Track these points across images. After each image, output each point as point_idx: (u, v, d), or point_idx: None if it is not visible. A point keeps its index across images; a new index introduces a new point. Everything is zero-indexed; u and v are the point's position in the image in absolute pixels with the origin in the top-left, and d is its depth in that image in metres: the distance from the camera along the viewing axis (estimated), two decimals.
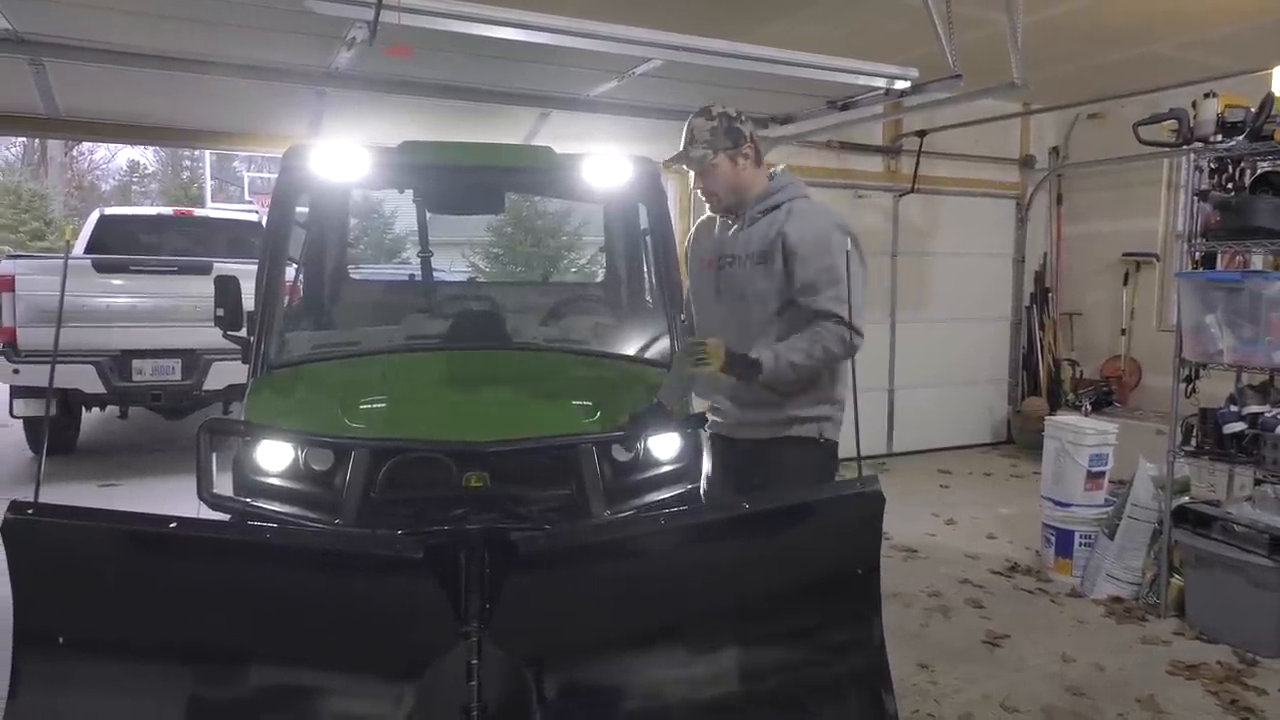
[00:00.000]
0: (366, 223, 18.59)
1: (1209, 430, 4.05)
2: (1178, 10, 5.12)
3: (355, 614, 2.12)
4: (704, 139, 2.57)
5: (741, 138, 2.60)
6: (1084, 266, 8.09)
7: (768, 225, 2.61)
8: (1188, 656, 3.68)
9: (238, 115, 5.54)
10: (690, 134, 2.60)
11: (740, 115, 2.64)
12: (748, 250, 2.62)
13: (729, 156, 2.59)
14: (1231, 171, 4.11)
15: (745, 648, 2.32)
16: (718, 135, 2.57)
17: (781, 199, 2.64)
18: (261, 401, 3.09)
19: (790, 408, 2.62)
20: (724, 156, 2.58)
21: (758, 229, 2.63)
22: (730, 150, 2.58)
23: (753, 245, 2.61)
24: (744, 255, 2.63)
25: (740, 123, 2.62)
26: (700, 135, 2.57)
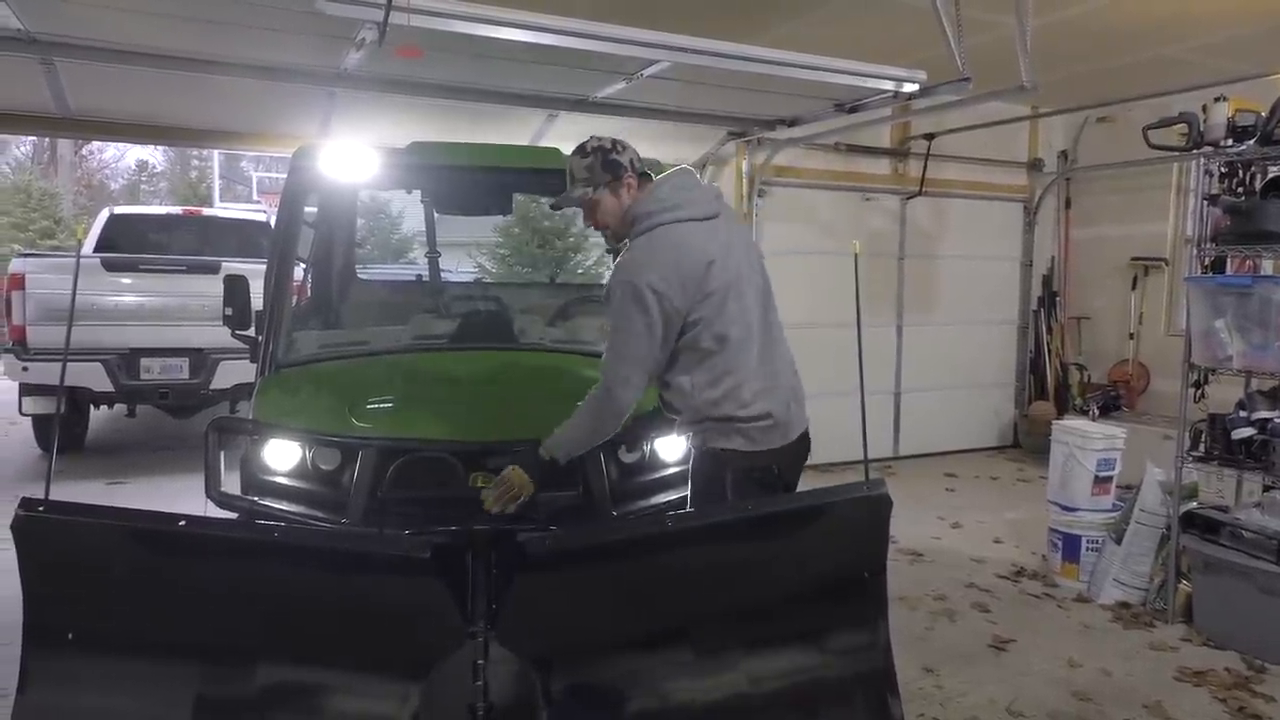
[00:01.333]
0: (374, 223, 18.67)
1: (1218, 436, 4.03)
2: (1187, 13, 5.11)
3: (362, 613, 2.13)
4: (583, 177, 2.54)
5: (620, 169, 2.54)
6: (1092, 270, 8.06)
7: None
8: (1195, 663, 3.67)
9: (247, 115, 5.57)
10: (570, 174, 2.57)
11: (617, 146, 2.57)
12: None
13: (611, 190, 2.54)
14: (1242, 176, 4.09)
15: (751, 650, 2.32)
16: (595, 171, 2.53)
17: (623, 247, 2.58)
18: (269, 400, 3.10)
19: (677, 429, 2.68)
20: (605, 191, 2.53)
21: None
22: (611, 183, 2.53)
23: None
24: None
25: (617, 154, 2.55)
26: (579, 174, 2.55)
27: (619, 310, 2.45)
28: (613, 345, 2.49)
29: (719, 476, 2.60)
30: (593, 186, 2.54)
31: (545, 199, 3.70)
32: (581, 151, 2.57)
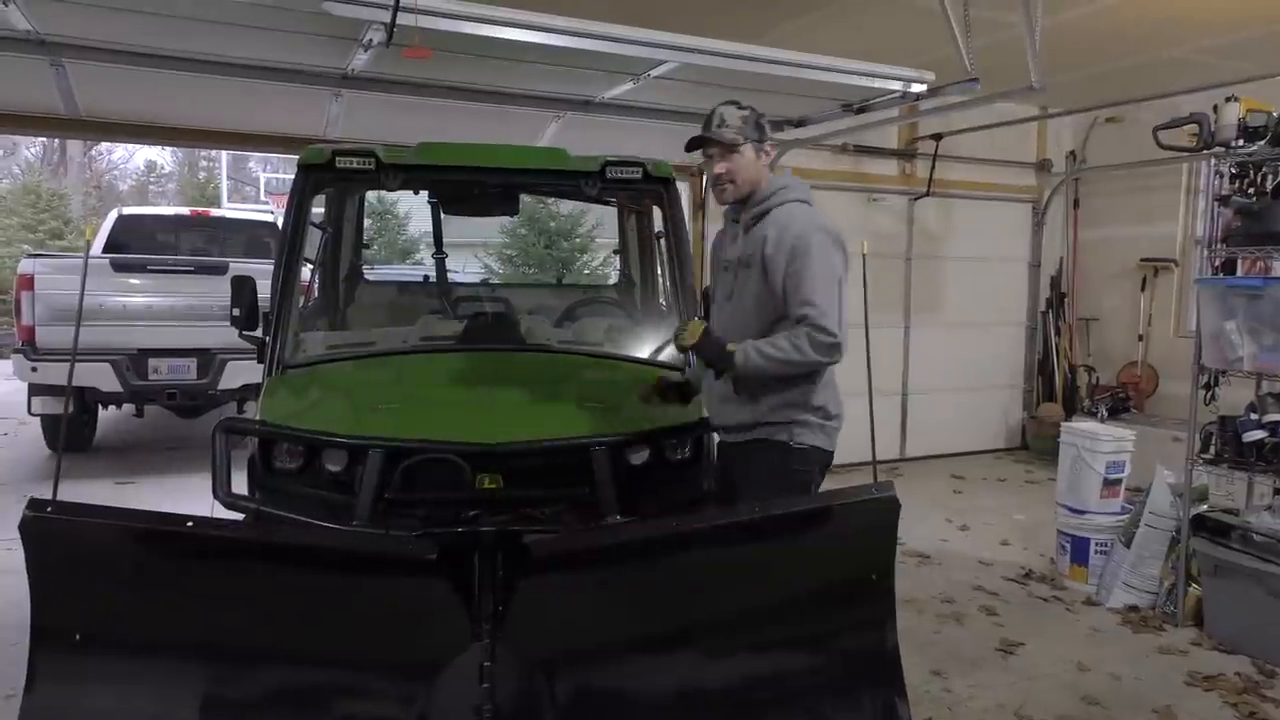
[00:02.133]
0: (381, 224, 18.70)
1: (1228, 438, 4.00)
2: (1196, 14, 5.08)
3: (368, 615, 2.13)
4: (735, 125, 2.63)
5: (765, 134, 2.70)
6: (1101, 272, 8.03)
7: (762, 229, 2.65)
8: (1205, 667, 3.64)
9: (254, 116, 5.57)
10: (720, 118, 2.65)
11: (764, 115, 2.73)
12: (742, 255, 2.69)
13: (755, 148, 2.67)
14: (1253, 177, 4.06)
15: (758, 653, 2.32)
16: (748, 124, 2.65)
17: (771, 204, 2.67)
18: (276, 401, 3.10)
19: (759, 412, 2.62)
20: (750, 146, 2.65)
21: (752, 235, 2.68)
22: (756, 143, 2.66)
23: (750, 247, 2.66)
24: (740, 260, 2.70)
25: (765, 122, 2.71)
26: (731, 120, 2.63)
27: (825, 255, 2.53)
28: (821, 287, 2.50)
29: (809, 478, 2.64)
30: (743, 137, 2.63)
31: (551, 200, 3.69)
32: (737, 104, 2.67)
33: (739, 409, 2.66)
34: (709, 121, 2.68)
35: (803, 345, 2.48)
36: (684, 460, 3.15)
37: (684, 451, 3.14)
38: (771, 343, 2.53)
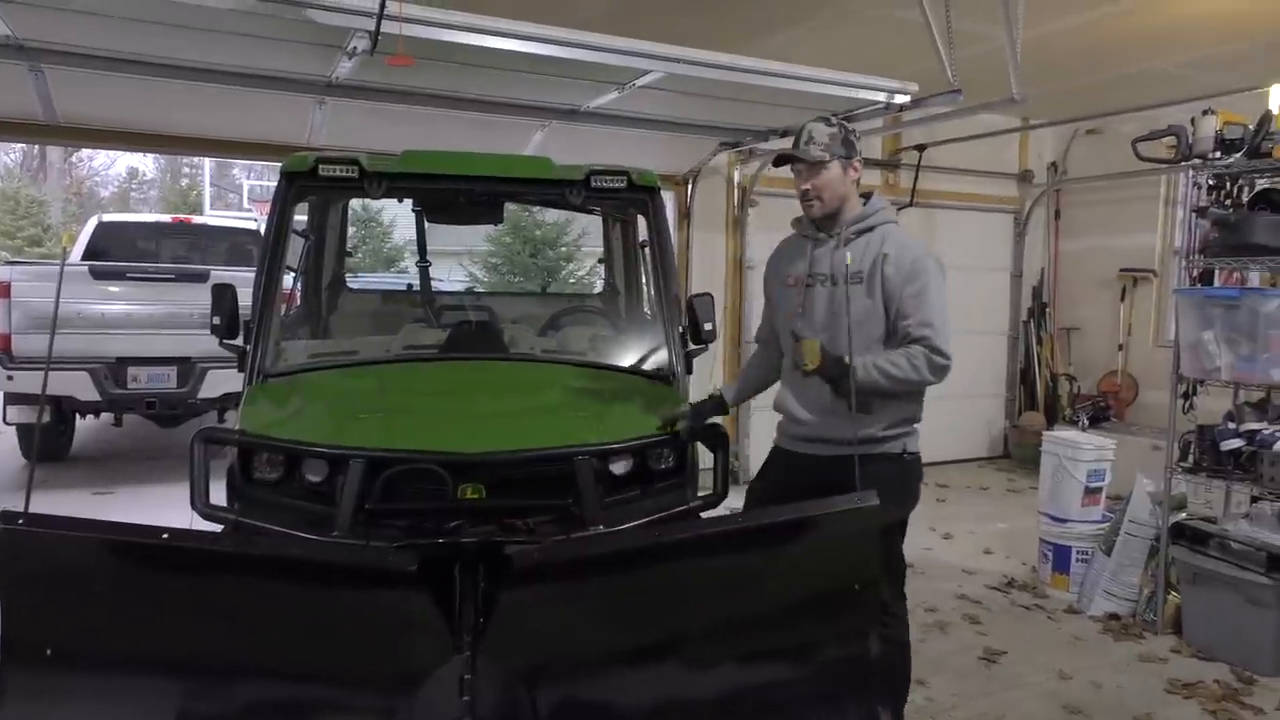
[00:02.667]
0: (366, 231, 18.63)
1: (1206, 447, 4.04)
2: (1174, 28, 5.15)
3: (348, 627, 2.10)
4: (823, 142, 2.67)
5: (855, 150, 2.73)
6: (1081, 282, 8.10)
7: (864, 246, 2.70)
8: (1185, 675, 3.67)
9: (237, 123, 5.54)
10: (808, 134, 2.69)
11: (854, 131, 2.77)
12: (843, 269, 2.67)
13: (842, 165, 2.70)
14: (1229, 188, 4.12)
15: (742, 663, 2.30)
16: (836, 142, 2.68)
17: (876, 222, 2.73)
18: (256, 411, 3.06)
19: (873, 426, 2.67)
20: (838, 163, 2.69)
21: (854, 249, 2.69)
22: (844, 159, 2.70)
23: (850, 265, 2.66)
24: (839, 274, 2.68)
25: (855, 138, 2.74)
26: (819, 137, 2.68)
27: (939, 280, 2.64)
28: (938, 309, 2.62)
29: (920, 481, 2.82)
30: (830, 154, 2.67)
31: (537, 208, 3.69)
32: (827, 120, 2.73)
33: (849, 422, 2.60)
34: (797, 138, 2.72)
35: (920, 365, 2.59)
36: (668, 470, 3.14)
37: (668, 461, 3.14)
38: (890, 361, 2.60)
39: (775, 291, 2.93)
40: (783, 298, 2.87)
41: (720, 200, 7.03)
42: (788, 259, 2.89)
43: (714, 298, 3.65)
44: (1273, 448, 3.72)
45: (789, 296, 2.83)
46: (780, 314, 2.89)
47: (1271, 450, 3.72)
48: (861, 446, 2.63)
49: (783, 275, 2.88)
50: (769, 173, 6.91)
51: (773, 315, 2.98)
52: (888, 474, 2.65)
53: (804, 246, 2.83)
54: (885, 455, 2.71)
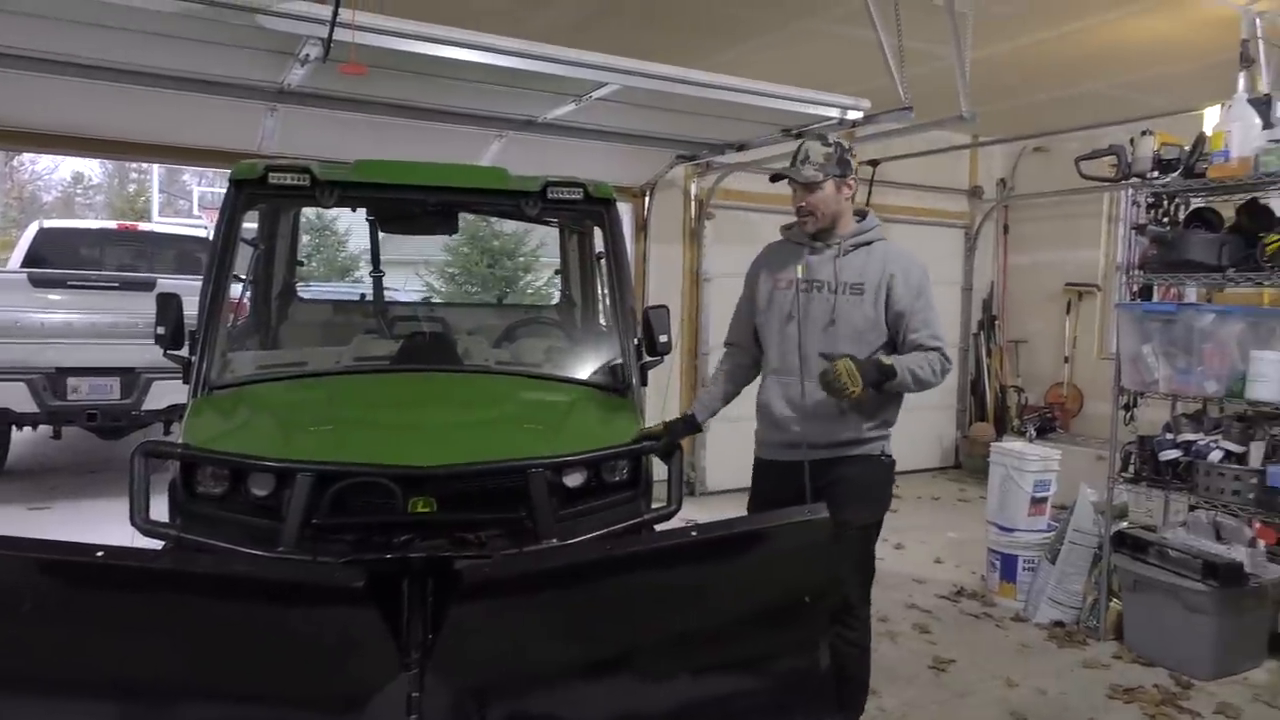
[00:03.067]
0: (319, 240, 18.37)
1: (1146, 457, 4.16)
2: (1113, 52, 5.33)
3: (292, 646, 2.07)
4: (818, 161, 2.78)
5: (850, 169, 2.83)
6: (1029, 295, 8.30)
7: (865, 258, 2.83)
8: (1126, 680, 3.76)
9: (186, 129, 5.42)
10: (805, 153, 2.80)
11: (851, 149, 2.87)
12: (843, 279, 2.80)
13: (836, 183, 2.80)
14: (1167, 206, 4.26)
15: (694, 676, 2.31)
16: (831, 161, 2.79)
17: (873, 238, 2.88)
18: (201, 423, 2.99)
19: (857, 429, 2.82)
20: (832, 182, 2.79)
21: (853, 261, 2.83)
22: (838, 178, 2.80)
23: (849, 275, 2.81)
24: (837, 283, 2.81)
25: (850, 156, 2.84)
26: (815, 157, 2.78)
27: (928, 289, 2.84)
28: (935, 317, 2.84)
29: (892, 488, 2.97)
30: (825, 174, 2.77)
31: (495, 219, 3.68)
32: (823, 139, 2.83)
33: (837, 427, 2.81)
34: (795, 157, 2.82)
35: (937, 370, 2.76)
36: (622, 482, 3.14)
37: (622, 473, 3.13)
38: (918, 364, 2.74)
39: (764, 293, 2.98)
40: (772, 300, 2.94)
41: (677, 212, 7.07)
42: (779, 262, 2.96)
43: (669, 310, 3.67)
44: (1207, 458, 3.85)
45: (782, 298, 2.91)
46: (770, 315, 2.95)
47: (1206, 460, 3.84)
48: (843, 449, 2.82)
49: (774, 277, 2.95)
50: (726, 185, 6.98)
51: (757, 315, 3.01)
52: (871, 475, 2.85)
53: (798, 252, 2.91)
54: (867, 456, 2.84)
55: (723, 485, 7.02)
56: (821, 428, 2.81)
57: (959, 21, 4.63)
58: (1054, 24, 4.92)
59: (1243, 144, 3.67)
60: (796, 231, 2.96)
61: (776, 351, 2.92)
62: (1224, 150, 3.72)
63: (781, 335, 2.90)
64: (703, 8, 4.78)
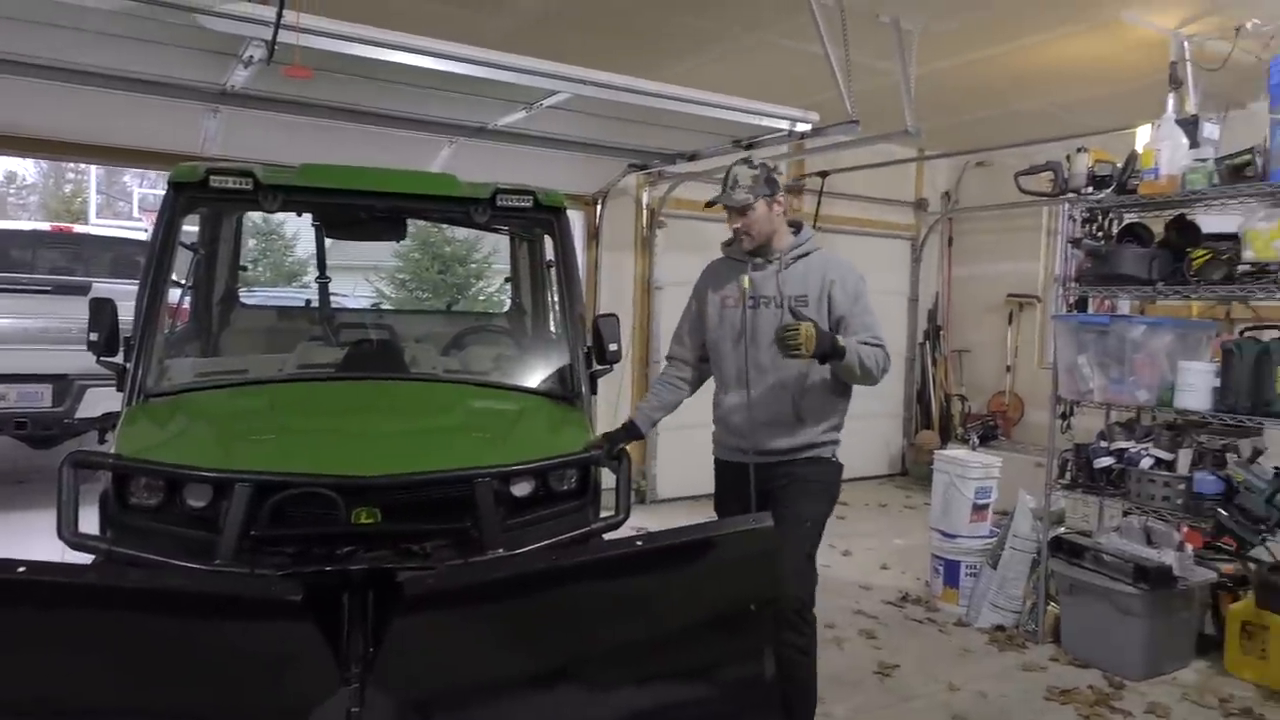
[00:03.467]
0: (266, 244, 18.00)
1: (1082, 464, 4.28)
2: (1053, 71, 5.50)
3: (230, 662, 2.01)
4: (746, 184, 2.90)
5: (777, 188, 2.96)
6: (972, 306, 8.50)
7: (805, 269, 2.96)
8: (1062, 682, 3.85)
9: (124, 130, 5.28)
10: (734, 179, 2.92)
11: (777, 169, 3.00)
12: (787, 292, 2.93)
13: (766, 202, 2.92)
14: (1101, 221, 4.40)
15: (640, 686, 2.30)
16: (759, 183, 2.91)
17: (810, 249, 3.01)
18: (134, 432, 2.91)
19: (809, 434, 2.95)
20: (762, 202, 2.91)
21: (794, 273, 2.96)
22: (768, 197, 2.92)
23: (792, 288, 2.94)
24: (783, 296, 2.93)
25: (776, 175, 2.97)
26: (743, 180, 2.90)
27: (865, 293, 2.97)
28: (875, 320, 2.96)
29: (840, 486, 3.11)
30: (754, 195, 2.89)
31: (443, 225, 3.65)
32: (749, 163, 2.95)
33: (789, 433, 2.95)
34: (724, 182, 2.94)
35: (879, 362, 2.88)
36: (571, 491, 3.12)
37: (570, 482, 3.12)
38: (865, 352, 2.84)
39: (713, 311, 3.09)
40: (722, 318, 3.06)
41: (629, 221, 7.09)
42: (724, 280, 3.08)
43: (619, 318, 3.67)
44: (1139, 465, 3.97)
45: (732, 315, 3.02)
46: (723, 333, 3.05)
47: (1138, 467, 3.97)
48: (797, 452, 2.94)
49: (722, 296, 3.07)
50: (678, 194, 7.02)
51: (709, 333, 3.11)
52: (821, 473, 3.00)
53: (741, 268, 3.02)
54: (818, 460, 2.99)
55: (674, 493, 7.04)
56: (776, 438, 2.93)
57: (904, 38, 4.75)
58: (994, 43, 5.06)
59: (1171, 162, 3.81)
60: (736, 248, 3.07)
61: (732, 367, 3.02)
62: (1154, 168, 3.86)
63: (735, 352, 3.01)
64: (655, 20, 4.82)
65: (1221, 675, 3.95)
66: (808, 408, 2.94)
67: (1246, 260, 3.62)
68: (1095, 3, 4.45)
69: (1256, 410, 3.50)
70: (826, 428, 2.99)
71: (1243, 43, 4.45)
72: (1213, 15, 4.45)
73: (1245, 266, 3.63)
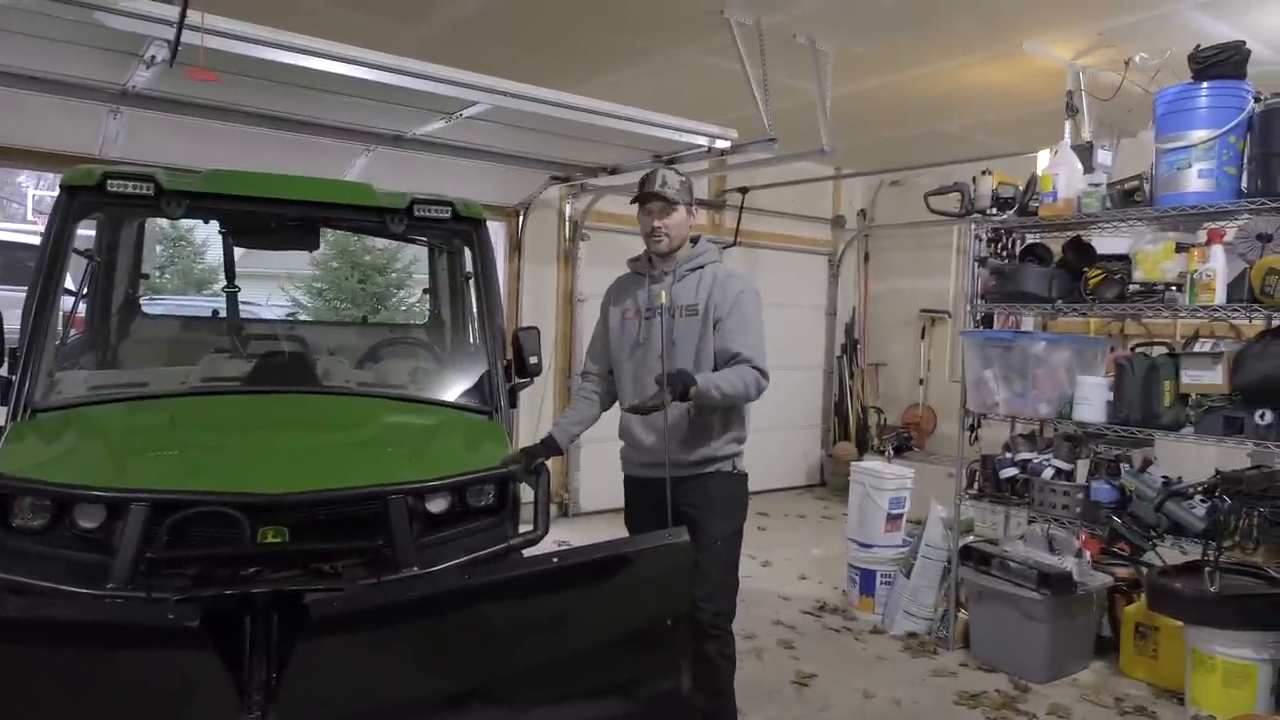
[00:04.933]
0: (173, 251, 17.28)
1: (989, 474, 4.44)
2: (961, 95, 5.73)
3: (123, 694, 1.91)
4: (676, 187, 3.00)
5: (693, 199, 3.09)
6: (888, 320, 8.76)
7: (695, 282, 3.01)
8: (971, 686, 3.98)
9: (17, 129, 4.99)
10: (663, 179, 3.00)
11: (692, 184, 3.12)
12: (678, 303, 2.99)
13: (686, 209, 3.04)
14: (1005, 241, 4.59)
15: (556, 703, 2.28)
16: (684, 189, 3.03)
17: (705, 261, 3.06)
18: (19, 449, 2.73)
19: (709, 446, 2.98)
20: (684, 208, 3.02)
21: (686, 285, 3.02)
22: (689, 205, 3.05)
23: (684, 299, 3.00)
24: (673, 307, 2.99)
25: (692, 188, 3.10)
26: (672, 182, 3.00)
27: (754, 307, 2.99)
28: (758, 334, 2.97)
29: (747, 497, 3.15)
30: (681, 201, 3.00)
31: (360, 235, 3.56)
32: (676, 170, 3.07)
33: (688, 447, 2.97)
34: (653, 180, 2.99)
35: (749, 383, 2.90)
36: (488, 506, 3.07)
37: (488, 498, 3.07)
38: (725, 379, 2.87)
39: (614, 324, 3.16)
40: (623, 329, 3.12)
41: (551, 233, 7.07)
42: (625, 293, 3.17)
43: (540, 331, 3.65)
44: (1041, 475, 4.14)
45: (630, 327, 3.09)
46: (622, 344, 3.11)
47: (1040, 477, 4.14)
48: (699, 466, 2.96)
49: (621, 309, 3.14)
50: (600, 207, 7.04)
51: (610, 346, 3.17)
52: (727, 489, 3.03)
53: (640, 282, 3.12)
54: (719, 474, 3.01)
55: (597, 506, 7.02)
56: (676, 446, 2.95)
57: (820, 59, 4.88)
58: (906, 67, 5.24)
59: (1068, 186, 4.00)
60: (642, 263, 3.16)
61: (630, 377, 3.08)
62: (1053, 191, 4.05)
63: (631, 362, 3.07)
64: (576, 34, 4.82)
65: (1117, 675, 4.14)
66: (705, 419, 2.97)
67: (1137, 280, 3.83)
68: (1000, 33, 4.65)
69: (1147, 422, 3.69)
70: (728, 439, 3.02)
71: (1132, 75, 4.71)
72: (1105, 49, 4.71)
73: (1136, 286, 3.84)
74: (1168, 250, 3.72)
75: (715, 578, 2.97)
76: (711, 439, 2.99)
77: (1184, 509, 3.56)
